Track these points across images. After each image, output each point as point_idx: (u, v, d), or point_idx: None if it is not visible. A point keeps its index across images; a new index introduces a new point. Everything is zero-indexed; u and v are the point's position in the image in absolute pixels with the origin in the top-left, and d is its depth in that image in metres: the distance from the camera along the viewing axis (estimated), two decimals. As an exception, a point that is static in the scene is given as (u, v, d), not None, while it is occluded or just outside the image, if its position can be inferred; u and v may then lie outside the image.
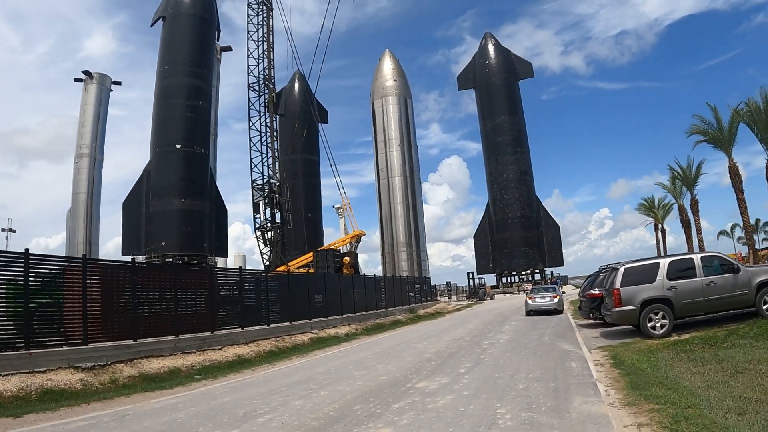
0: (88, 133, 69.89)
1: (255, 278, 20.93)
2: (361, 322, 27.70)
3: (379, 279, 35.65)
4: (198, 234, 47.15)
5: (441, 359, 12.91)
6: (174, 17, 48.29)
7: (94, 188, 69.53)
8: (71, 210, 69.45)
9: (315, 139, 60.27)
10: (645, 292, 13.47)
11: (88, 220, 68.48)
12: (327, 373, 12.19)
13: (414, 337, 19.95)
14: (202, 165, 48.65)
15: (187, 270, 17.98)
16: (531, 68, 77.78)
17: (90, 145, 69.64)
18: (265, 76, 49.79)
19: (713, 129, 31.77)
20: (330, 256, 44.04)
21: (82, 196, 68.78)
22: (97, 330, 13.17)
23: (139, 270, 14.63)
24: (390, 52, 75.32)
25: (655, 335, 13.15)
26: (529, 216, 72.96)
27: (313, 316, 23.24)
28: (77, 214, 68.57)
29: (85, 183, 68.89)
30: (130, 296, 14.09)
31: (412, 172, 72.16)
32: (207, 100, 49.61)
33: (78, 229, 68.12)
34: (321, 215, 67.97)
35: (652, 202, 56.54)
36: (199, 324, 16.22)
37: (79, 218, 68.42)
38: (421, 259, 71.24)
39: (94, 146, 70.12)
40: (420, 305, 42.50)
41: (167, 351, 14.47)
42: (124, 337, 13.71)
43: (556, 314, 25.58)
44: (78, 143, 70.13)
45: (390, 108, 72.03)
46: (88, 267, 13.18)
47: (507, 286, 72.71)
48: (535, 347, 13.96)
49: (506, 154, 73.66)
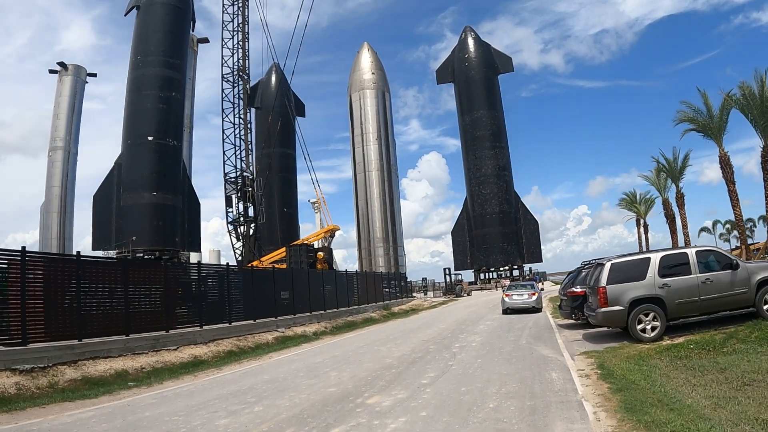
0: (63, 126, 68.55)
1: (216, 274, 20.28)
2: (331, 319, 27.12)
3: (352, 275, 35.09)
4: (170, 228, 46.15)
5: (403, 366, 11.76)
6: (148, 6, 47.09)
7: (68, 182, 68.22)
8: (45, 204, 68.08)
9: (291, 133, 59.39)
10: (634, 290, 12.32)
11: (62, 215, 67.24)
12: (273, 381, 11.19)
13: (380, 338, 19.05)
14: (175, 158, 47.58)
15: (140, 264, 17.31)
16: (511, 63, 77.41)
17: (64, 138, 68.29)
18: (239, 67, 49.02)
19: (703, 117, 29.86)
20: (303, 251, 43.42)
21: (56, 190, 67.46)
22: (38, 329, 12.45)
23: (85, 264, 13.86)
24: (368, 45, 74.60)
25: (646, 339, 12.06)
26: (507, 212, 72.71)
27: (279, 314, 22.62)
28: (51, 209, 67.26)
29: (59, 177, 67.56)
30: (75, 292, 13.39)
31: (389, 167, 71.63)
32: (181, 92, 48.51)
33: (52, 223, 66.87)
34: (297, 210, 67.14)
35: (633, 197, 55.94)
36: (152, 323, 15.52)
37: (53, 213, 67.14)
38: (398, 254, 70.76)
39: (68, 139, 68.77)
40: (395, 302, 42.01)
41: (116, 352, 13.78)
42: (69, 336, 12.96)
43: (534, 313, 24.74)
44: (52, 136, 68.76)
45: (367, 101, 71.33)
46: (28, 260, 12.39)
47: (485, 282, 72.43)
48: (510, 352, 12.70)
49: (485, 149, 73.26)
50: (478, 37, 76.76)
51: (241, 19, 49.02)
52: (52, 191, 67.03)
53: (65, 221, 67.23)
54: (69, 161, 68.28)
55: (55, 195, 66.84)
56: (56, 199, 66.84)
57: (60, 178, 67.20)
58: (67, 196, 67.92)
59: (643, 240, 56.09)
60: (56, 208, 66.71)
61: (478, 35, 76.85)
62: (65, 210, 67.38)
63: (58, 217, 66.71)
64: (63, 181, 67.38)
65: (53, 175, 67.10)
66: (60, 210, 66.87)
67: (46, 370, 11.87)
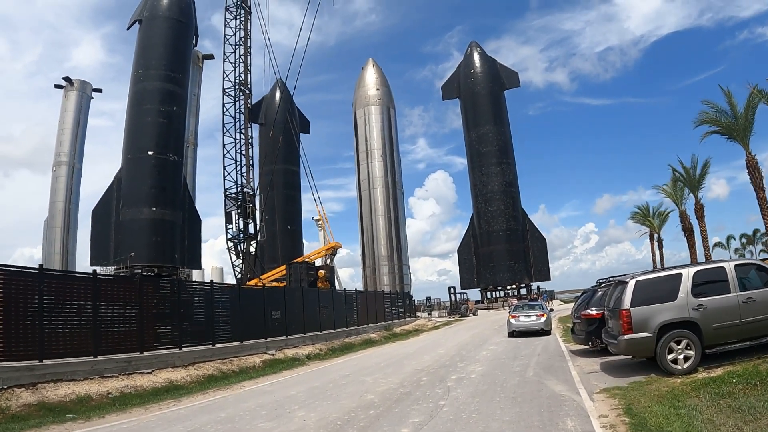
0: (68, 141, 68.02)
1: (200, 292, 19.25)
2: (327, 341, 25.93)
3: (351, 294, 33.98)
4: (169, 245, 45.37)
5: (384, 406, 9.90)
6: (150, 20, 46.78)
7: (72, 198, 67.55)
8: (48, 219, 67.41)
9: (295, 150, 58.66)
10: (663, 313, 10.43)
11: (65, 231, 66.53)
12: (226, 421, 9.54)
13: (370, 365, 17.38)
14: (175, 173, 46.90)
15: (111, 280, 16.22)
16: (517, 78, 76.44)
17: (69, 154, 67.74)
18: (241, 81, 48.49)
19: (727, 117, 27.28)
20: (304, 269, 42.46)
21: (60, 205, 66.85)
22: (-6, 347, 11.46)
23: (48, 278, 12.90)
24: (373, 61, 74.05)
25: (677, 371, 10.16)
26: (514, 229, 71.37)
27: (270, 335, 21.52)
28: (54, 224, 66.58)
29: (63, 192, 66.93)
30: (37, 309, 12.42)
31: (394, 184, 70.66)
32: (182, 106, 47.97)
33: (55, 239, 66.16)
34: (301, 227, 66.05)
35: (646, 211, 54.16)
36: (125, 343, 14.48)
37: (56, 228, 66.44)
38: (403, 273, 69.55)
39: (73, 154, 68.23)
40: (397, 322, 40.78)
41: (81, 375, 12.75)
42: (29, 356, 11.98)
43: (542, 335, 22.96)
44: (57, 151, 68.23)
45: (372, 117, 70.59)
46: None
47: (492, 301, 70.90)
48: (515, 388, 10.76)
49: (491, 165, 72.13)
50: (483, 52, 76.09)
51: (243, 34, 48.61)
52: (55, 206, 66.46)
53: (68, 237, 66.54)
54: (73, 177, 67.71)
55: (59, 210, 66.22)
56: (60, 214, 66.19)
57: (64, 194, 66.61)
58: (71, 212, 67.27)
59: (657, 256, 53.86)
60: (60, 224, 66.04)
61: (483, 50, 76.22)
62: (69, 225, 66.71)
63: (61, 233, 66.03)
64: (67, 197, 66.80)
65: (57, 191, 66.54)
66: (63, 225, 66.21)
67: (0, 393, 10.88)
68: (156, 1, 46.74)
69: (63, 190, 66.34)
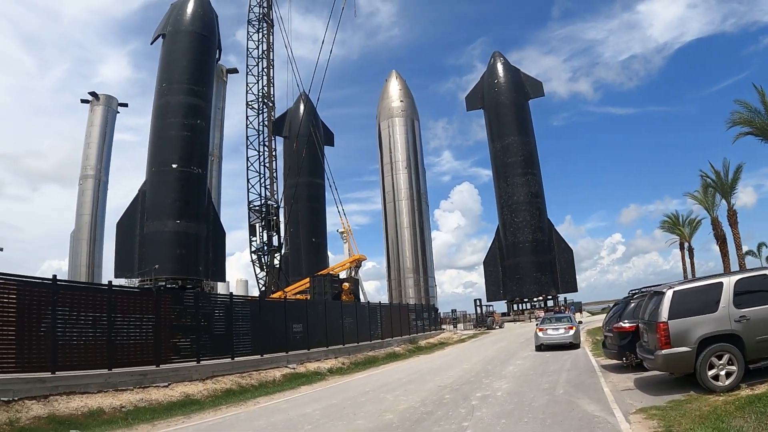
0: (94, 155, 68.88)
1: (219, 304, 18.85)
2: (350, 354, 25.32)
3: (375, 306, 33.40)
4: (193, 257, 45.44)
5: (404, 427, 9.30)
6: (173, 35, 47.26)
7: (98, 210, 68.22)
8: (74, 232, 68.21)
9: (320, 163, 58.53)
10: (703, 326, 9.68)
11: (91, 243, 67.15)
12: None
13: (392, 381, 16.59)
14: (199, 186, 47.08)
15: (127, 292, 15.85)
16: (541, 87, 75.48)
17: (95, 167, 68.55)
18: (264, 94, 48.52)
19: (761, 117, 25.94)
20: (328, 281, 42.02)
21: (86, 218, 67.53)
22: (8, 359, 11.25)
23: (62, 289, 12.62)
24: (396, 73, 73.66)
25: (719, 388, 9.40)
26: (540, 240, 69.99)
27: (291, 349, 20.96)
28: (80, 237, 67.28)
29: (89, 205, 67.65)
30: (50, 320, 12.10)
31: (419, 196, 69.97)
32: (206, 119, 48.22)
33: (81, 251, 66.79)
34: (326, 240, 65.80)
35: (676, 219, 52.47)
36: (141, 356, 14.11)
37: (83, 240, 67.10)
38: (428, 285, 68.63)
39: (99, 168, 69.02)
40: (422, 335, 40.05)
41: (94, 387, 12.37)
42: (42, 368, 11.66)
43: (571, 349, 22.04)
44: (83, 164, 69.08)
45: (396, 129, 70.11)
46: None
47: (518, 313, 69.56)
48: (544, 407, 10.04)
49: (516, 175, 70.98)
50: (507, 62, 75.27)
51: (266, 47, 48.73)
52: (82, 219, 67.14)
53: (95, 249, 67.11)
54: (99, 190, 68.46)
55: (85, 223, 66.88)
56: (86, 227, 66.84)
57: (90, 207, 67.31)
58: (97, 225, 67.90)
59: (688, 265, 52.01)
60: (86, 236, 66.67)
61: (507, 60, 75.32)
62: (95, 238, 67.33)
63: (87, 245, 66.64)
64: (93, 210, 67.48)
65: (83, 204, 67.27)
66: (90, 238, 66.84)
67: (10, 405, 10.56)
68: (179, 16, 47.16)
69: (89, 203, 67.02)
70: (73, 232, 67.84)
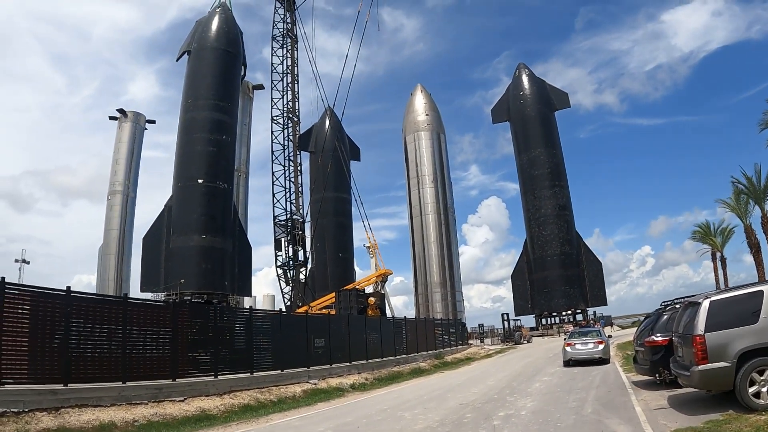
0: (122, 171, 69.93)
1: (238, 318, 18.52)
2: (374, 370, 24.81)
3: (400, 321, 32.85)
4: (218, 271, 45.42)
5: None
6: (198, 51, 47.68)
7: (126, 225, 69.10)
8: (103, 247, 69.09)
9: (346, 178, 58.41)
10: (743, 338, 8.85)
11: (119, 257, 67.94)
12: None
13: (412, 398, 15.87)
14: (225, 200, 47.16)
15: (143, 305, 15.57)
16: (567, 98, 74.53)
17: (123, 183, 69.58)
18: (289, 109, 48.69)
19: None
20: (353, 296, 41.51)
21: (114, 232, 68.41)
22: (21, 369, 11.11)
23: (76, 301, 12.42)
24: (422, 87, 73.43)
25: (761, 406, 8.60)
26: (569, 253, 68.68)
27: (312, 364, 20.58)
28: (109, 251, 68.14)
29: (117, 220, 68.58)
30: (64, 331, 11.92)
31: (446, 210, 69.31)
32: (231, 135, 48.44)
33: (109, 266, 67.59)
34: (352, 255, 65.35)
35: (707, 228, 50.67)
36: (156, 369, 13.83)
37: (111, 255, 67.94)
38: (456, 300, 67.69)
39: (127, 183, 70.04)
40: (449, 350, 39.34)
41: (108, 401, 12.09)
42: (54, 380, 11.48)
43: (601, 365, 21.11)
44: (111, 180, 70.19)
45: (422, 143, 69.74)
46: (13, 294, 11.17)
47: (547, 327, 68.12)
48: (571, 428, 9.40)
49: (544, 188, 69.97)
50: (532, 73, 74.58)
51: (290, 62, 49.00)
52: (110, 234, 68.03)
53: (122, 263, 67.83)
54: (127, 205, 69.35)
55: (113, 238, 67.74)
56: (114, 241, 67.70)
57: (118, 222, 68.21)
58: (125, 239, 68.69)
59: (720, 276, 50.13)
60: (114, 251, 67.50)
61: (532, 72, 74.65)
62: (123, 252, 68.09)
63: (115, 260, 67.43)
64: (121, 224, 68.35)
65: (111, 219, 68.22)
66: (118, 252, 67.63)
67: (20, 416, 10.36)
68: (204, 33, 47.60)
69: (117, 218, 67.93)
70: (102, 246, 68.70)
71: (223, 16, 48.77)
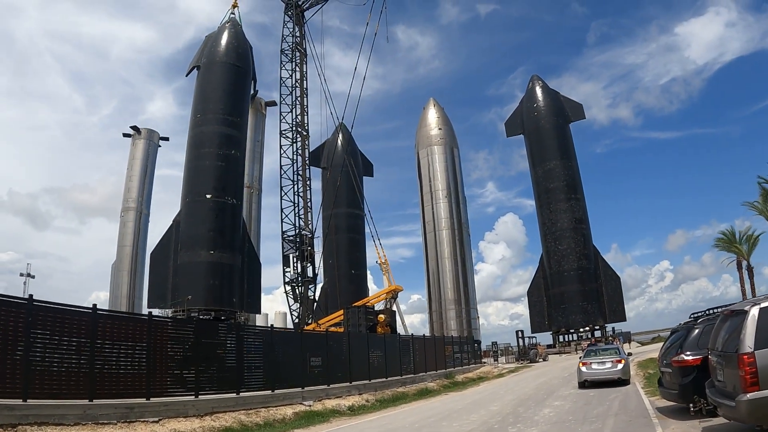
0: (135, 188, 70.08)
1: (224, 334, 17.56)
2: (377, 390, 23.65)
3: (407, 339, 31.76)
4: (227, 288, 44.79)
5: None
6: (208, 66, 47.58)
7: (139, 242, 69.00)
8: (116, 263, 69.06)
9: (360, 194, 57.74)
10: None
11: (132, 274, 67.83)
12: None
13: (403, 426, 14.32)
14: (234, 216, 46.64)
15: (116, 317, 14.64)
16: (582, 110, 72.82)
17: (136, 199, 69.70)
18: (298, 123, 48.17)
19: None
20: (362, 313, 40.56)
21: (127, 249, 68.35)
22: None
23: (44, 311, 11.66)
24: (434, 101, 72.66)
25: None
26: (586, 268, 66.54)
27: (308, 384, 19.51)
28: (122, 268, 68.08)
29: (130, 236, 68.58)
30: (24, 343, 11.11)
31: (460, 225, 68.05)
32: (240, 150, 48.08)
33: (122, 282, 67.49)
34: (365, 272, 64.53)
35: (732, 235, 48.54)
36: (130, 387, 12.92)
37: (124, 272, 67.86)
38: (471, 317, 66.21)
39: (140, 200, 70.15)
40: (461, 369, 38.10)
41: (71, 419, 11.18)
42: (13, 395, 10.66)
43: (620, 385, 19.22)
44: (125, 197, 70.39)
45: (435, 158, 68.79)
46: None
47: (564, 345, 66.05)
48: None
49: (559, 201, 68.06)
50: (545, 85, 73.22)
51: (299, 76, 48.60)
52: (123, 250, 67.99)
53: (135, 280, 67.66)
54: (141, 222, 69.35)
55: (126, 254, 67.69)
56: (127, 258, 67.64)
57: (131, 238, 68.16)
58: (138, 256, 68.46)
59: (747, 287, 47.62)
60: (127, 267, 67.43)
61: (545, 83, 73.21)
62: (136, 269, 67.93)
63: (128, 276, 67.34)
64: (134, 241, 68.28)
65: (125, 235, 68.25)
66: (131, 269, 67.53)
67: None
68: (214, 47, 47.49)
69: (131, 235, 67.90)
70: (115, 263, 68.66)
71: (232, 31, 48.72)
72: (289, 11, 51.70)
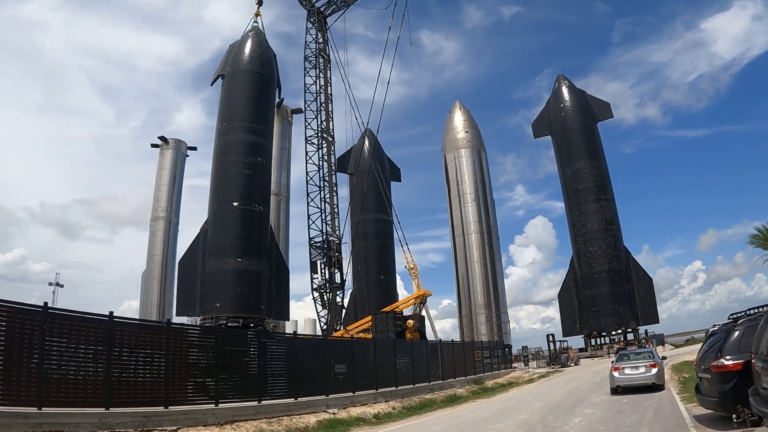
0: (164, 197, 70.96)
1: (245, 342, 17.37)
2: (404, 397, 23.21)
3: (436, 344, 31.27)
4: (254, 295, 44.75)
5: None
6: (232, 75, 47.76)
7: (168, 251, 69.75)
8: (146, 272, 69.95)
9: (388, 199, 57.44)
10: None
11: (162, 282, 68.57)
12: None
13: None
14: (261, 223, 46.64)
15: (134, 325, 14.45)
16: (609, 108, 71.18)
17: (165, 209, 70.51)
18: (323, 129, 48.10)
19: None
20: (391, 318, 40.14)
21: (157, 258, 69.17)
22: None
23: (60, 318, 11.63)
24: (460, 104, 72.12)
25: None
26: (617, 269, 64.84)
27: (332, 391, 19.21)
28: (152, 276, 68.93)
29: (160, 245, 69.41)
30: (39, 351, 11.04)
31: (489, 229, 67.31)
32: (266, 157, 48.09)
33: (152, 291, 68.33)
34: (394, 277, 64.14)
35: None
36: (148, 396, 12.80)
37: (154, 280, 68.70)
38: (501, 321, 65.32)
39: (169, 210, 70.95)
40: (490, 375, 37.46)
41: (87, 427, 11.07)
42: (28, 403, 10.59)
43: (654, 391, 18.45)
44: (154, 206, 71.32)
45: (463, 161, 68.23)
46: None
47: (596, 348, 64.51)
48: None
49: (589, 202, 66.60)
50: (572, 84, 72.06)
51: (323, 82, 48.56)
52: (153, 259, 68.81)
53: (165, 288, 68.38)
54: (170, 231, 70.10)
55: (156, 263, 68.48)
56: (157, 267, 68.43)
57: (161, 247, 68.96)
58: (168, 265, 69.17)
59: None
60: (157, 276, 68.22)
61: (572, 83, 72.06)
62: (166, 278, 68.64)
63: (158, 285, 68.10)
64: (164, 250, 69.06)
65: (154, 244, 69.08)
66: (161, 278, 68.29)
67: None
68: (237, 56, 47.71)
69: (160, 244, 68.69)
70: (145, 272, 69.49)
71: (256, 39, 48.87)
72: (311, 18, 51.77)
